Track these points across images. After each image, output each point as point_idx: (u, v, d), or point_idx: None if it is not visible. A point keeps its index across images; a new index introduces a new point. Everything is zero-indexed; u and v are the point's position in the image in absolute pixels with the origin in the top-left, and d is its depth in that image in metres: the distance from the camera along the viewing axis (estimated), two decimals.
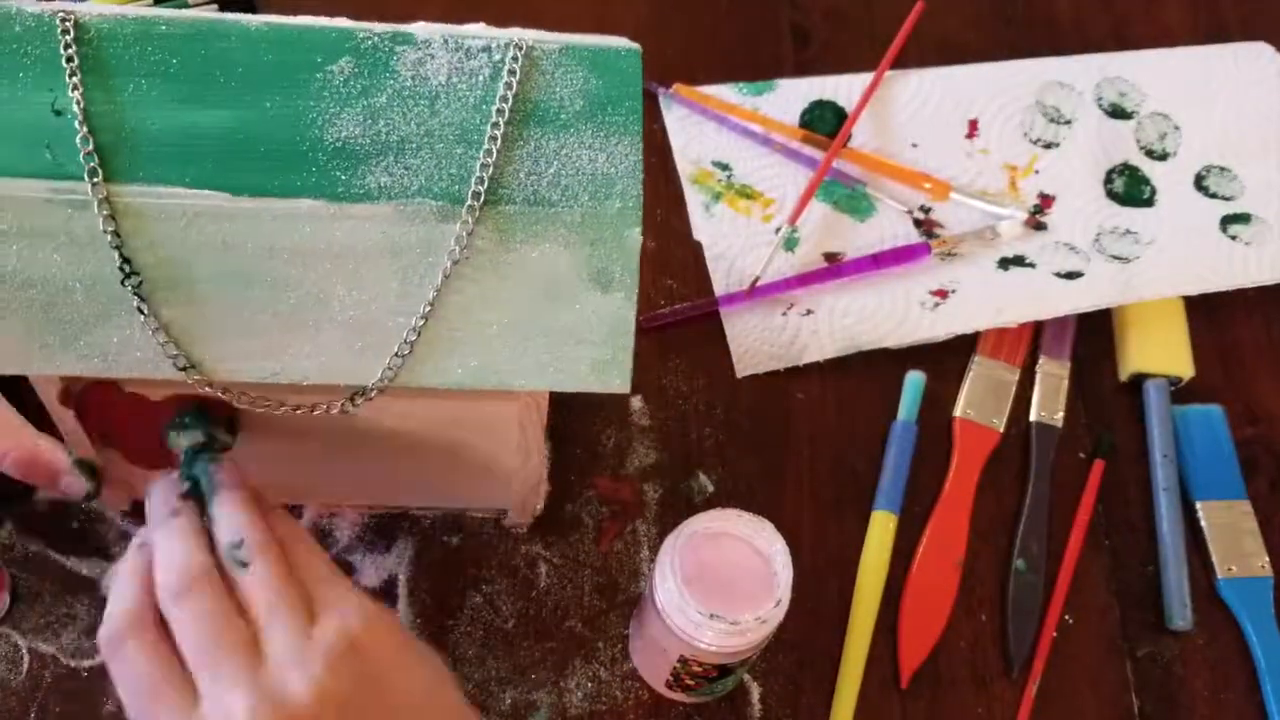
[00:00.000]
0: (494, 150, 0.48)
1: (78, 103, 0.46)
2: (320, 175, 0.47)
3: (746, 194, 0.77)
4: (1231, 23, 0.87)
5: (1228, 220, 0.78)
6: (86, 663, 0.59)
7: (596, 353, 0.50)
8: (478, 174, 0.48)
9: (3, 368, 0.48)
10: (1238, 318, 0.76)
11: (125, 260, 0.47)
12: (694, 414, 0.69)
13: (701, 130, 0.79)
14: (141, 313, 0.47)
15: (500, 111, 0.48)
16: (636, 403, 0.69)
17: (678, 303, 0.72)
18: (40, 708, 0.58)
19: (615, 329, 0.50)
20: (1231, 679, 0.65)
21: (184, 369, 0.48)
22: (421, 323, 0.48)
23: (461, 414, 0.55)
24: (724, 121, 0.79)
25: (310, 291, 0.48)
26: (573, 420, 0.68)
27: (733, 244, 0.75)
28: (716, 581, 0.54)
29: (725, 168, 0.77)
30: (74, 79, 0.46)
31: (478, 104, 0.48)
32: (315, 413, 0.51)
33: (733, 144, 0.79)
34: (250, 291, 0.48)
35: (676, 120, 0.79)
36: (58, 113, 0.46)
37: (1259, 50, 0.85)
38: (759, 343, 0.71)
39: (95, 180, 0.46)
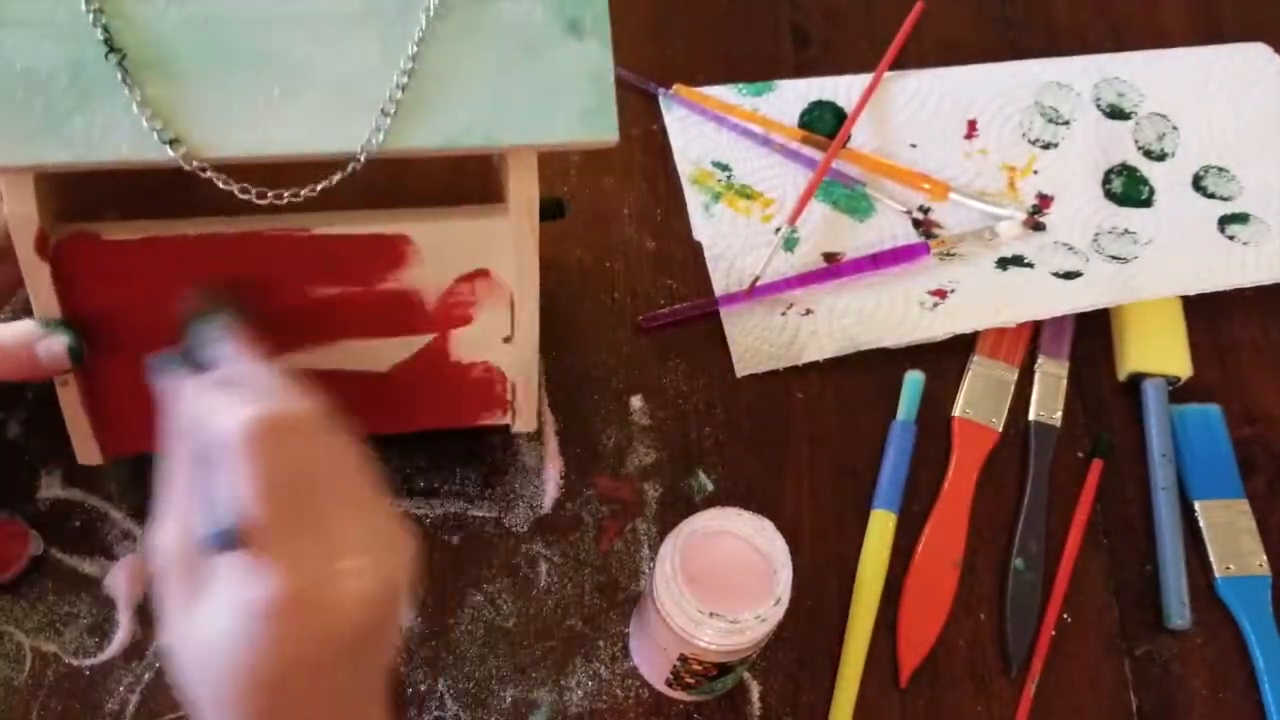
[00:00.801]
0: None
1: None
2: None
3: (746, 194, 0.77)
4: (1229, 23, 0.87)
5: (1226, 220, 0.78)
6: (89, 661, 0.59)
7: (581, 101, 0.51)
8: None
9: None
10: (1236, 318, 0.76)
11: (108, 36, 0.48)
12: (694, 413, 0.69)
13: (701, 131, 0.79)
14: (126, 85, 0.48)
15: None
16: (636, 402, 0.69)
17: (677, 303, 0.72)
18: (42, 706, 0.58)
19: (595, 77, 0.51)
20: (1230, 678, 0.65)
21: (170, 142, 0.48)
22: (405, 80, 0.50)
23: (450, 236, 0.55)
24: (724, 122, 0.79)
25: (292, 61, 0.49)
26: (573, 420, 0.68)
27: (732, 244, 0.75)
28: (716, 580, 0.54)
29: (725, 168, 0.78)
30: None
31: None
32: (303, 194, 0.51)
33: (732, 144, 0.79)
34: (232, 64, 0.49)
35: (676, 121, 0.79)
36: None
37: (1257, 51, 0.85)
38: (759, 342, 0.71)
39: None
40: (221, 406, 0.42)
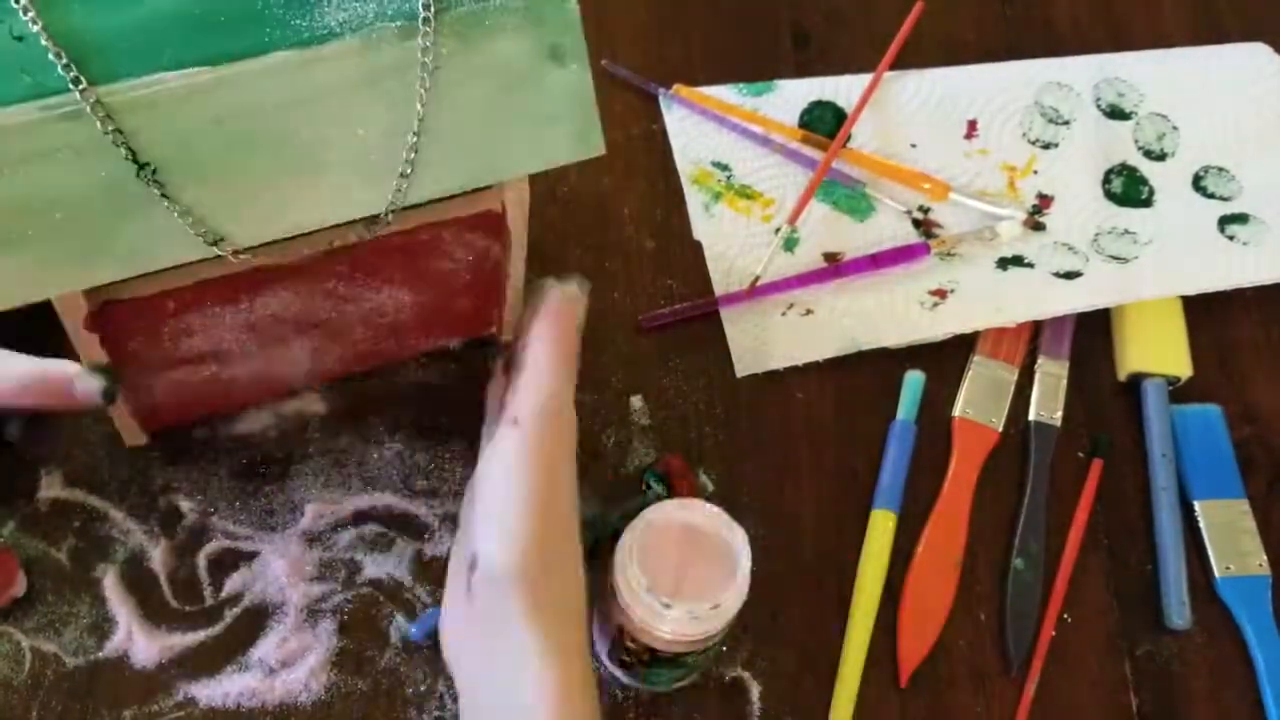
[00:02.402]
0: None
1: (34, 22, 0.46)
2: (282, 27, 0.49)
3: (746, 194, 0.77)
4: (1230, 23, 0.87)
5: (1225, 220, 0.78)
6: (88, 661, 0.59)
7: (572, 126, 0.54)
8: None
9: (48, 291, 0.49)
10: (1236, 317, 0.76)
11: (133, 154, 0.48)
12: (694, 414, 0.69)
13: (701, 131, 0.79)
14: (165, 199, 0.49)
15: None
16: (636, 402, 0.69)
17: (678, 303, 0.72)
18: (42, 706, 0.58)
19: (580, 100, 0.54)
20: (1230, 677, 0.65)
21: (214, 243, 0.50)
22: (415, 139, 0.51)
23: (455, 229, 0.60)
24: (724, 122, 0.79)
25: (308, 140, 0.50)
26: None
27: (732, 244, 0.75)
28: (672, 569, 0.55)
29: (725, 168, 0.78)
30: (21, 3, 0.46)
31: None
32: (335, 244, 0.55)
33: (732, 144, 0.79)
34: (253, 154, 0.50)
35: (676, 121, 0.79)
36: (19, 39, 0.46)
37: (1257, 51, 0.85)
38: (759, 342, 0.71)
39: (81, 87, 0.46)
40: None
